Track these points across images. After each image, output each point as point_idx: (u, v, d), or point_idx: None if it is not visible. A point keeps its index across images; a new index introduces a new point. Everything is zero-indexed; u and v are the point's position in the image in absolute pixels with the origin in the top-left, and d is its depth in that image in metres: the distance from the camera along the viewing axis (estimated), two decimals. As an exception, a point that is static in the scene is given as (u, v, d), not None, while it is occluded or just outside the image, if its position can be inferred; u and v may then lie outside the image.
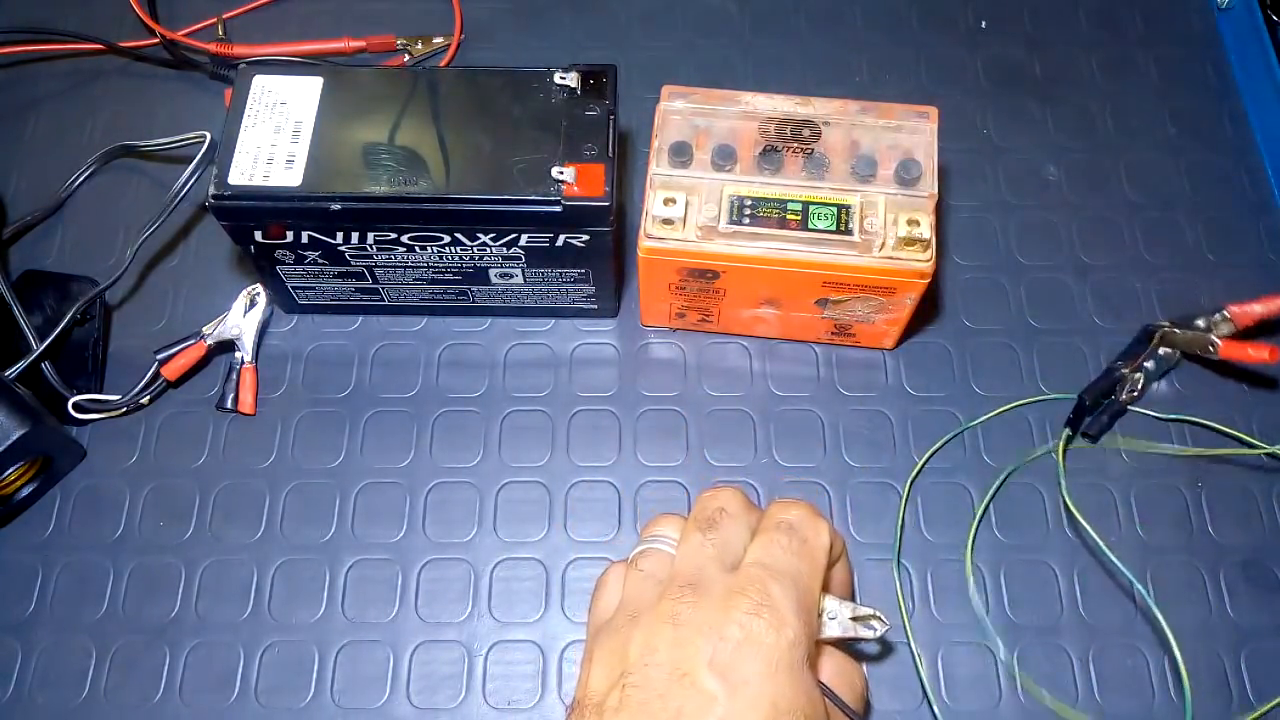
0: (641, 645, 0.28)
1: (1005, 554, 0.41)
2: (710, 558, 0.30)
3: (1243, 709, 0.38)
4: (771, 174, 0.39)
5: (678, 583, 0.30)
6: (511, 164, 0.38)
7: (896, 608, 0.40)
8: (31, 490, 0.42)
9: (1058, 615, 0.40)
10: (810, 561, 0.31)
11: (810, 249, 0.38)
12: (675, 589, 0.29)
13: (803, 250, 0.39)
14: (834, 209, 0.38)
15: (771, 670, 0.27)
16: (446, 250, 0.40)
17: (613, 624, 0.30)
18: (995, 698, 0.39)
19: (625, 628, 0.30)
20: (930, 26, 0.54)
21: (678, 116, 0.40)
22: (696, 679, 0.27)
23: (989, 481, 0.43)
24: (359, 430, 0.44)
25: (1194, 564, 0.41)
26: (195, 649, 0.40)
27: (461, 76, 0.41)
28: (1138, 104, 0.52)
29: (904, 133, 0.40)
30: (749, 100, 0.41)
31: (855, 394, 0.44)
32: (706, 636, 0.28)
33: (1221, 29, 0.54)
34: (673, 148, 0.39)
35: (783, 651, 0.28)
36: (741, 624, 0.28)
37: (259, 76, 0.40)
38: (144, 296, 0.47)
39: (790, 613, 0.29)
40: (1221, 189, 0.49)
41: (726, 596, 0.29)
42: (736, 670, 0.27)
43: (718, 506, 0.32)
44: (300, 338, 0.46)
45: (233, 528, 0.42)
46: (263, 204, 0.38)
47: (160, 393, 0.44)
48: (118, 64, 0.53)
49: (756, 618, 0.28)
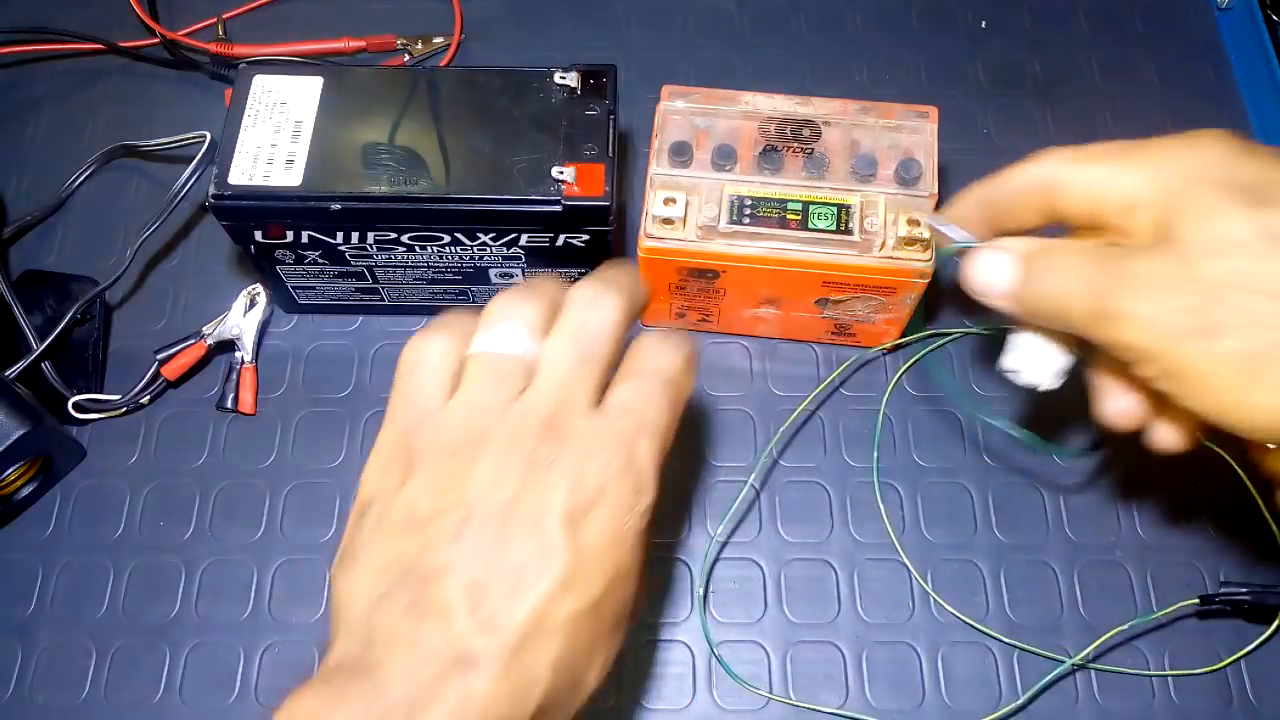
0: (489, 477, 0.26)
1: (1005, 554, 0.41)
2: (580, 391, 0.27)
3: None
4: (771, 174, 0.39)
5: (539, 415, 0.27)
6: (512, 164, 0.38)
7: (896, 606, 0.40)
8: (31, 490, 0.42)
9: (1058, 615, 0.40)
10: (675, 416, 0.28)
11: (810, 249, 0.38)
12: (537, 425, 0.26)
13: (802, 250, 0.39)
14: (834, 209, 0.38)
15: (620, 538, 0.26)
16: (447, 250, 0.40)
17: (447, 429, 0.27)
18: (995, 697, 0.39)
19: (466, 445, 0.26)
20: (930, 27, 0.54)
21: (678, 116, 0.40)
22: (544, 533, 0.25)
23: (990, 481, 0.43)
24: (359, 430, 0.44)
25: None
26: (195, 649, 0.40)
27: (462, 76, 0.41)
28: (1138, 104, 0.52)
29: (904, 132, 0.40)
30: (749, 100, 0.41)
31: (855, 394, 0.44)
32: (562, 489, 0.26)
33: (1222, 29, 0.54)
34: (673, 147, 0.39)
35: (635, 519, 0.26)
36: (602, 485, 0.26)
37: (259, 76, 0.40)
38: (144, 296, 0.47)
39: (650, 478, 0.27)
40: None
41: (590, 448, 0.26)
42: (588, 531, 0.26)
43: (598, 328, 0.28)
44: (300, 338, 0.46)
45: (233, 528, 0.42)
46: (263, 204, 0.38)
47: (160, 393, 0.44)
48: (118, 64, 0.53)
49: (619, 480, 0.26)
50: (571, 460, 0.26)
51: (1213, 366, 0.26)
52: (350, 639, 0.25)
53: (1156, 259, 0.27)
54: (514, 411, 0.27)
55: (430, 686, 0.24)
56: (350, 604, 0.26)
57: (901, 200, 0.39)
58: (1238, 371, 0.26)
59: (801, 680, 0.39)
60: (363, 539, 0.27)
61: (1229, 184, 0.27)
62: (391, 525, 0.26)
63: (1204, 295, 0.26)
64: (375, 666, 0.24)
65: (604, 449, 0.26)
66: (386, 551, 0.26)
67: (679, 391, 0.29)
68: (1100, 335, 0.28)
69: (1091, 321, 0.28)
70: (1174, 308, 0.26)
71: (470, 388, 0.28)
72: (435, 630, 0.24)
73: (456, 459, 0.26)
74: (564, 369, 0.27)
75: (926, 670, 0.39)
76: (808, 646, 0.39)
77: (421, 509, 0.26)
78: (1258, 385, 0.25)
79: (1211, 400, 0.26)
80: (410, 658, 0.24)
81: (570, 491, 0.26)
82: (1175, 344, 0.26)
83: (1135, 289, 0.27)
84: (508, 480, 0.26)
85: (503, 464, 0.26)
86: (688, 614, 0.40)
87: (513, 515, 0.25)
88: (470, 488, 0.26)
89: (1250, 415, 0.26)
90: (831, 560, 0.41)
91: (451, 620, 0.24)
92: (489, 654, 0.24)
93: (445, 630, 0.24)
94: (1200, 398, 0.27)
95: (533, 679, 0.25)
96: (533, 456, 0.26)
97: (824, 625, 0.40)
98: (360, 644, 0.25)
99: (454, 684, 0.24)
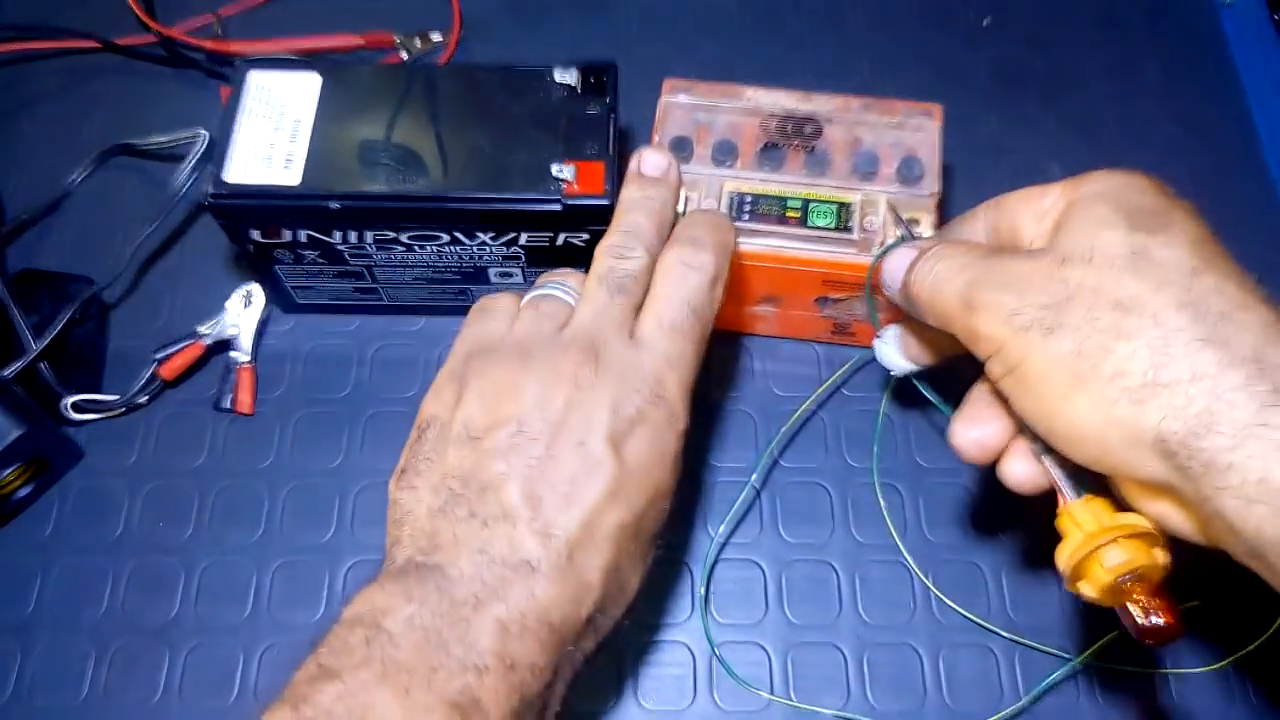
0: (537, 395, 0.28)
1: (1007, 555, 0.41)
2: (615, 323, 0.30)
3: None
4: (772, 170, 0.39)
5: (580, 343, 0.29)
6: (511, 162, 0.38)
7: (897, 607, 0.40)
8: (29, 491, 0.42)
9: (1059, 616, 0.40)
10: (703, 342, 0.31)
11: (809, 246, 0.38)
12: (578, 350, 0.29)
13: (802, 247, 0.38)
14: (834, 207, 0.38)
15: (659, 458, 0.29)
16: (446, 249, 0.40)
17: (499, 353, 0.30)
18: (997, 698, 0.39)
19: (516, 366, 0.29)
20: (932, 25, 0.54)
21: (680, 110, 0.40)
22: (591, 448, 0.27)
23: (992, 482, 0.42)
24: (358, 430, 0.44)
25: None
26: (195, 649, 0.39)
27: (460, 74, 0.40)
28: (1141, 103, 0.51)
29: (907, 130, 0.40)
30: (751, 95, 0.40)
31: (855, 394, 0.44)
32: (605, 409, 0.28)
33: (1225, 27, 0.53)
34: (673, 142, 0.39)
35: (671, 442, 0.29)
36: (640, 408, 0.28)
37: (256, 74, 0.40)
38: (142, 296, 0.47)
39: (682, 405, 0.30)
40: (1225, 188, 0.49)
41: (627, 376, 0.29)
42: (629, 449, 0.28)
43: (631, 271, 0.31)
44: (298, 337, 0.46)
45: (232, 528, 0.42)
46: (261, 203, 0.38)
47: (158, 393, 0.44)
48: (115, 61, 0.53)
49: (655, 408, 0.29)
50: (610, 385, 0.28)
51: (1047, 366, 0.26)
52: (414, 544, 0.27)
53: (1031, 259, 0.28)
54: (559, 337, 0.30)
55: (495, 586, 0.26)
56: (412, 513, 0.28)
57: (903, 199, 0.38)
58: (1067, 374, 0.26)
59: (802, 682, 0.39)
60: (421, 455, 0.29)
61: (1124, 206, 0.27)
62: (448, 440, 0.28)
63: (1060, 296, 0.26)
64: (441, 568, 0.26)
65: (637, 378, 0.29)
66: (444, 465, 0.28)
67: (705, 320, 0.31)
68: (962, 324, 0.28)
69: (958, 311, 0.28)
70: (1029, 303, 0.27)
71: (520, 322, 0.31)
72: (497, 535, 0.26)
73: (507, 379, 0.29)
74: (601, 302, 0.30)
75: (928, 671, 0.39)
76: (809, 648, 0.39)
77: (476, 424, 0.28)
78: (1081, 392, 0.25)
79: (1041, 406, 0.27)
80: (474, 559, 0.26)
81: (611, 413, 0.28)
82: (1019, 336, 0.26)
83: (1002, 282, 0.27)
84: (554, 398, 0.28)
85: (548, 383, 0.28)
86: (688, 615, 0.40)
87: (561, 430, 0.28)
88: (520, 404, 0.28)
89: (1068, 425, 0.26)
90: (832, 561, 0.41)
91: (512, 525, 0.26)
92: (548, 558, 0.26)
93: (506, 534, 0.26)
94: (1033, 401, 0.27)
95: (587, 583, 0.27)
96: (576, 377, 0.28)
97: (825, 626, 0.40)
98: (424, 549, 0.27)
99: (517, 584, 0.26)
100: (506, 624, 0.25)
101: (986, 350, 0.28)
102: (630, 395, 0.28)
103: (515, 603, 0.26)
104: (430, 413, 0.30)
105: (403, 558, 0.27)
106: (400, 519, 0.28)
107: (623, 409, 0.28)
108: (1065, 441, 0.26)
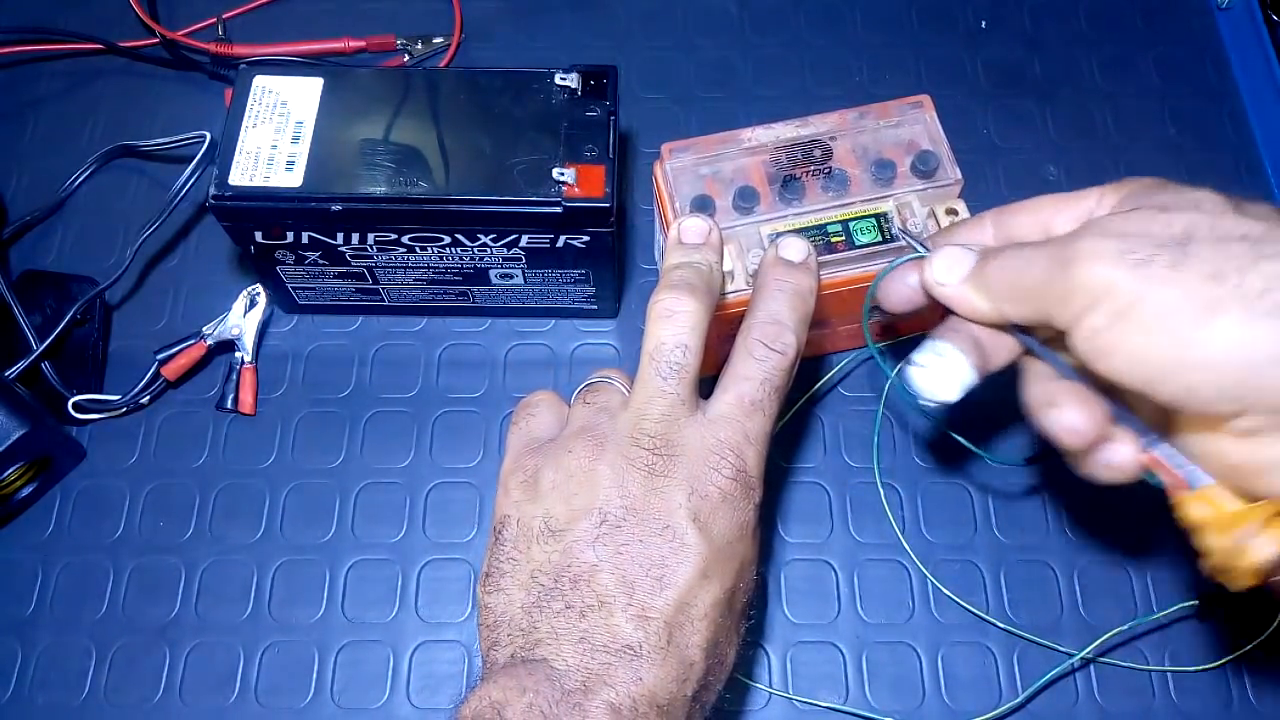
0: (613, 481, 0.28)
1: (1006, 554, 0.41)
2: (678, 401, 0.29)
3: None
4: (797, 202, 0.38)
5: (645, 429, 0.29)
6: (512, 165, 0.38)
7: (896, 606, 0.40)
8: (31, 490, 0.42)
9: (1058, 615, 0.40)
10: (774, 417, 0.30)
11: (865, 265, 0.38)
12: (645, 436, 0.29)
13: (858, 268, 0.38)
14: (873, 221, 0.38)
15: (741, 533, 0.29)
16: (447, 251, 0.40)
17: (564, 445, 0.29)
18: (995, 696, 0.39)
19: (586, 456, 0.29)
20: (930, 26, 0.54)
21: (687, 172, 0.39)
22: (677, 530, 0.27)
23: (990, 482, 0.43)
24: (359, 430, 0.44)
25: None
26: (195, 649, 0.40)
27: (462, 77, 0.41)
28: (1137, 104, 0.52)
29: (904, 126, 0.40)
30: (749, 135, 0.39)
31: (855, 394, 0.44)
32: (683, 490, 0.28)
33: (1221, 28, 0.54)
34: (694, 204, 0.38)
35: (750, 515, 0.29)
36: (720, 486, 0.28)
37: (259, 76, 0.40)
38: (144, 296, 0.47)
39: (758, 481, 0.29)
40: (1221, 188, 0.49)
41: (704, 456, 0.29)
42: (713, 528, 0.28)
43: (680, 344, 0.29)
44: (300, 338, 0.46)
45: (233, 528, 0.42)
46: (263, 204, 0.38)
47: (160, 393, 0.44)
48: (118, 64, 0.53)
49: (734, 483, 0.29)
50: (685, 465, 0.28)
51: (1176, 297, 0.25)
52: (513, 643, 0.27)
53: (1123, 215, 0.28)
54: (620, 422, 0.29)
55: (601, 673, 0.26)
56: (506, 614, 0.28)
57: (932, 194, 0.38)
58: (1201, 300, 0.25)
59: (802, 680, 0.39)
60: (504, 555, 0.29)
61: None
62: (530, 538, 0.28)
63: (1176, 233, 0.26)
64: (547, 661, 0.26)
65: (715, 455, 0.28)
66: (531, 562, 0.28)
67: (783, 396, 0.31)
68: (1059, 287, 0.27)
69: (1055, 273, 0.27)
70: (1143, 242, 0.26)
71: (576, 413, 0.31)
72: (595, 623, 0.27)
73: (579, 469, 0.29)
74: (656, 386, 0.29)
75: (926, 670, 0.39)
76: (808, 647, 0.40)
77: (557, 518, 0.28)
78: (1220, 315, 0.25)
79: (1165, 342, 0.25)
80: (577, 649, 0.26)
81: (690, 495, 0.28)
82: (1137, 271, 0.26)
83: (1103, 231, 0.27)
84: (630, 483, 0.28)
85: (621, 468, 0.28)
86: (688, 614, 0.40)
87: (643, 516, 0.28)
88: (598, 493, 0.28)
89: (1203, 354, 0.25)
90: (831, 560, 0.41)
91: (609, 613, 0.27)
92: (648, 641, 0.26)
93: (604, 622, 0.27)
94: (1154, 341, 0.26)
95: (689, 662, 0.27)
96: (649, 461, 0.28)
97: (824, 625, 0.40)
98: (525, 646, 0.27)
99: (622, 669, 0.26)
100: (618, 707, 0.26)
101: (1086, 302, 0.27)
102: (709, 473, 0.28)
103: (623, 687, 0.26)
104: (504, 513, 0.30)
105: (505, 657, 0.27)
106: (494, 622, 0.28)
107: (701, 487, 0.28)
108: (1197, 372, 0.25)
